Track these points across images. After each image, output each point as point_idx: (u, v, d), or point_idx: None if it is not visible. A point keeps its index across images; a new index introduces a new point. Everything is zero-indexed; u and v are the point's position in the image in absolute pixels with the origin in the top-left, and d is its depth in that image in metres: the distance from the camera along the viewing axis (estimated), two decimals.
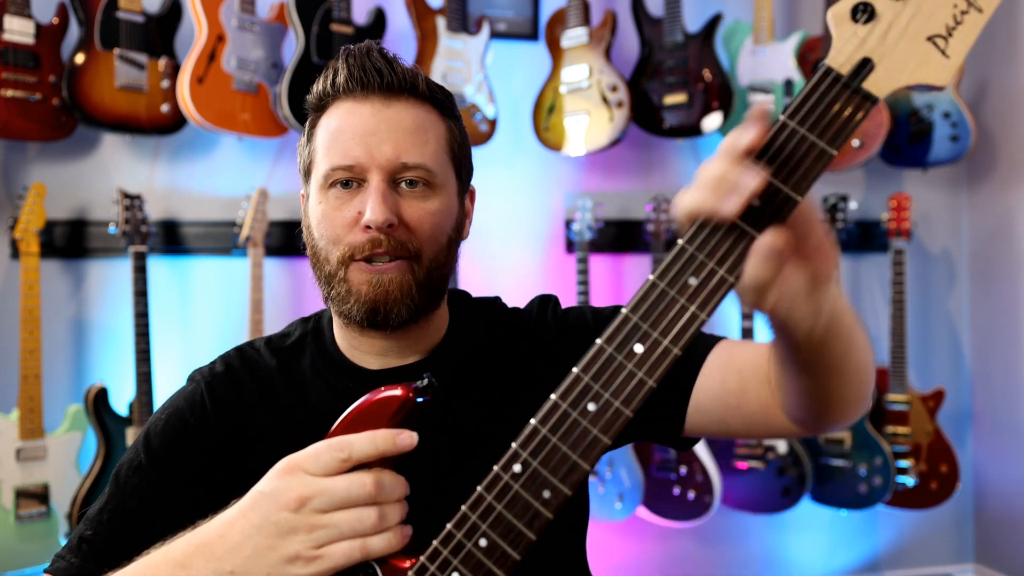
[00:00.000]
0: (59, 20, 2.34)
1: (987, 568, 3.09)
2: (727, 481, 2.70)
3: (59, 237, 2.46)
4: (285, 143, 2.62)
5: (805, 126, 0.62)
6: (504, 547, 0.67)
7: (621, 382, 0.65)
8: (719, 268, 0.63)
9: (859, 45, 0.62)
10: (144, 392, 2.29)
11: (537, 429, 0.67)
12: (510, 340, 1.02)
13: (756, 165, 0.61)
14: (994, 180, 3.03)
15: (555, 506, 0.66)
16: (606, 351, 0.65)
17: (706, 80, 2.66)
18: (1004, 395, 2.99)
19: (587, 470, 0.66)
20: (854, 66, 0.62)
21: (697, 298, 0.64)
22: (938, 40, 0.61)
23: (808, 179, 0.62)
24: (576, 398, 0.66)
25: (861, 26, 0.62)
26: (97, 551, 0.89)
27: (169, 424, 0.96)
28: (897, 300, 2.75)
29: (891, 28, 0.61)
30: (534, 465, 0.66)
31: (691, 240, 0.64)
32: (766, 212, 0.62)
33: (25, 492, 2.22)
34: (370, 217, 0.87)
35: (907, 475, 2.73)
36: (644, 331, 0.65)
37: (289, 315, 2.62)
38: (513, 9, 2.84)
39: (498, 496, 0.68)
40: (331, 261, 0.91)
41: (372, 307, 0.90)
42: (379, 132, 0.89)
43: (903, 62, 0.62)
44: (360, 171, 0.89)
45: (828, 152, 0.62)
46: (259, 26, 2.47)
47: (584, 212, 2.67)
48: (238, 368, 0.99)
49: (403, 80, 0.91)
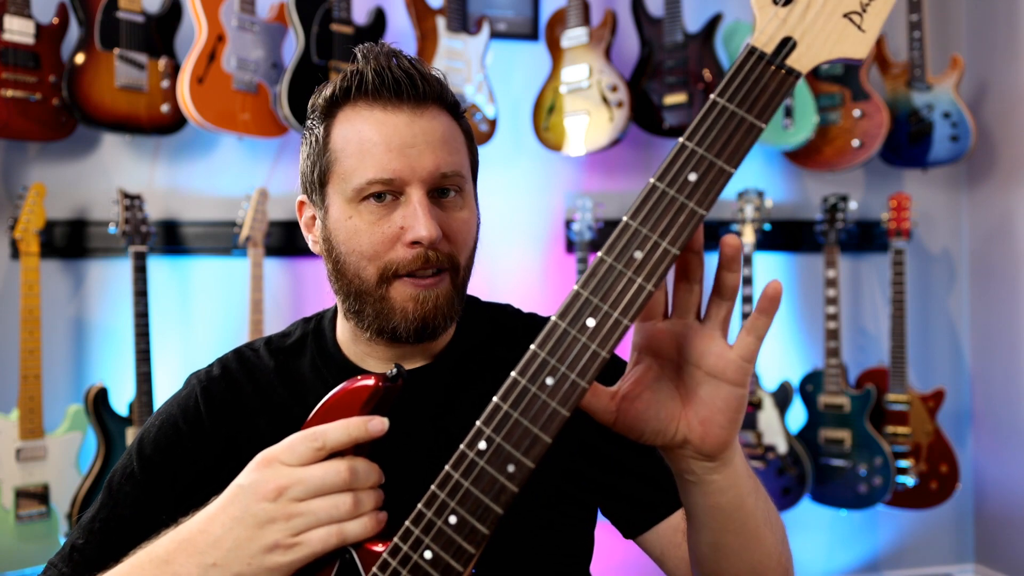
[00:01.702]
0: (59, 20, 2.34)
1: (987, 568, 3.09)
2: None
3: (59, 237, 2.46)
4: (285, 143, 2.62)
5: (734, 102, 0.66)
6: (473, 523, 0.69)
7: (576, 355, 0.67)
8: (662, 240, 0.67)
9: (780, 25, 0.67)
10: (144, 392, 2.30)
11: (499, 406, 0.69)
12: (518, 345, 1.01)
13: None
14: (994, 180, 3.03)
15: (520, 480, 0.68)
16: (560, 326, 0.68)
17: (706, 80, 2.66)
18: (1004, 395, 2.99)
19: (548, 443, 0.67)
20: (776, 44, 0.67)
21: (643, 270, 0.67)
22: (854, 16, 0.65)
23: (740, 152, 0.66)
24: (534, 373, 0.68)
25: (781, 8, 0.67)
26: (88, 559, 0.89)
27: (162, 431, 0.95)
28: (897, 300, 2.75)
29: (809, 7, 0.66)
30: (497, 441, 0.68)
31: (634, 216, 0.67)
32: (703, 185, 0.67)
33: (25, 492, 2.22)
34: (423, 235, 0.85)
35: (907, 475, 2.73)
36: (595, 305, 0.67)
37: (289, 315, 2.62)
38: (513, 9, 2.84)
39: (464, 473, 0.69)
40: (365, 278, 0.89)
41: (422, 324, 0.89)
42: (417, 144, 0.86)
43: (822, 39, 0.66)
44: (400, 185, 0.87)
45: (757, 125, 0.66)
46: (259, 26, 2.47)
47: (584, 212, 2.67)
48: (235, 371, 0.98)
49: (432, 87, 0.89)
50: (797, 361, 2.96)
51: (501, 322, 1.04)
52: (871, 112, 2.72)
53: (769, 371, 2.83)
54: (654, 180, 0.68)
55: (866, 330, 3.09)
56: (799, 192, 3.02)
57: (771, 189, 2.91)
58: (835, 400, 2.74)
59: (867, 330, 3.09)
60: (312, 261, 2.66)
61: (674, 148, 0.68)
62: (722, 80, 0.67)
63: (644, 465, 0.99)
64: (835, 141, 2.78)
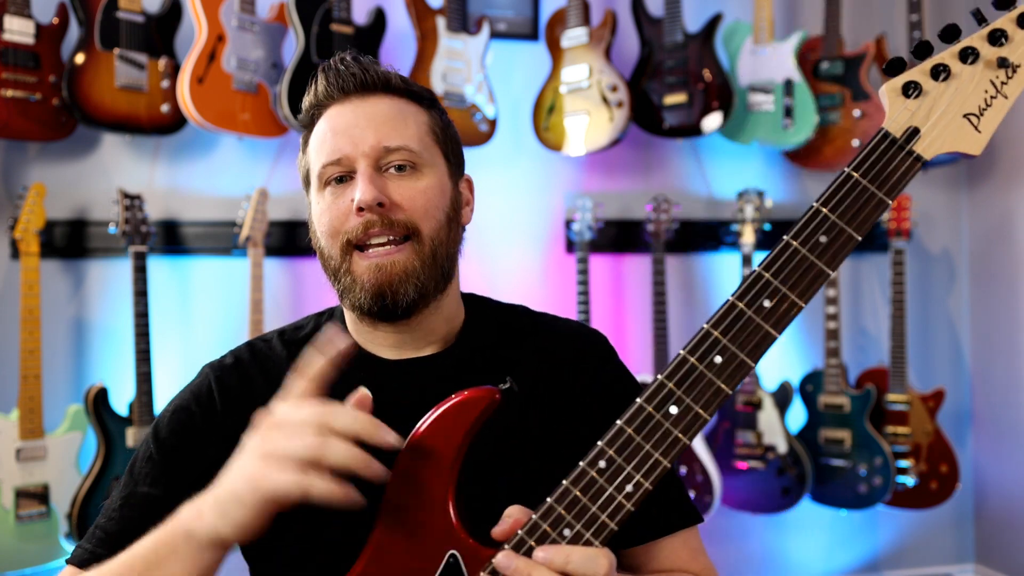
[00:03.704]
0: (59, 20, 2.34)
1: (987, 568, 3.09)
2: (727, 481, 2.70)
3: (59, 237, 2.46)
4: (285, 143, 2.62)
5: (867, 178, 0.75)
6: (588, 537, 0.75)
7: (701, 389, 0.75)
8: (791, 294, 0.75)
9: (909, 117, 0.76)
10: (144, 392, 2.29)
11: (623, 429, 0.76)
12: (527, 346, 1.03)
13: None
14: (994, 180, 3.03)
15: (637, 499, 0.74)
16: (689, 361, 0.75)
17: (706, 80, 2.66)
18: (1004, 395, 2.99)
19: (667, 467, 0.74)
20: (905, 132, 0.76)
21: (771, 319, 0.75)
22: (972, 118, 0.75)
23: (867, 223, 0.75)
24: (660, 402, 0.75)
25: (912, 100, 0.76)
26: (110, 535, 0.92)
27: (176, 416, 0.98)
28: (897, 300, 2.75)
29: (935, 105, 0.76)
30: (618, 461, 0.75)
31: (767, 267, 0.76)
32: (832, 248, 0.75)
33: (25, 492, 2.22)
34: (359, 198, 0.90)
35: (907, 475, 2.73)
36: (723, 345, 0.75)
37: (289, 315, 2.62)
38: (513, 9, 2.84)
39: (584, 489, 0.75)
40: (334, 256, 0.95)
41: (378, 291, 0.92)
42: (359, 123, 0.94)
43: (943, 132, 0.75)
44: (348, 163, 0.93)
45: (885, 201, 0.75)
46: (259, 26, 2.47)
47: (584, 212, 2.67)
48: (247, 362, 1.01)
49: (376, 77, 0.96)
50: (797, 361, 2.96)
51: (511, 323, 1.06)
52: (871, 112, 2.72)
53: (769, 371, 2.83)
54: (788, 238, 0.76)
55: (866, 330, 3.09)
56: (799, 192, 3.02)
57: (771, 189, 2.91)
58: (835, 400, 2.74)
59: (867, 330, 3.09)
60: (312, 261, 2.66)
61: (808, 211, 0.76)
62: (856, 156, 0.76)
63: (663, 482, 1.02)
64: (835, 141, 2.78)
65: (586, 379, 1.01)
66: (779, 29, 2.89)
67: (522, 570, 0.74)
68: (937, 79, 0.76)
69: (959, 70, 0.75)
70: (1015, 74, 0.75)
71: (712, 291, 2.94)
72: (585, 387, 1.01)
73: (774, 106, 2.72)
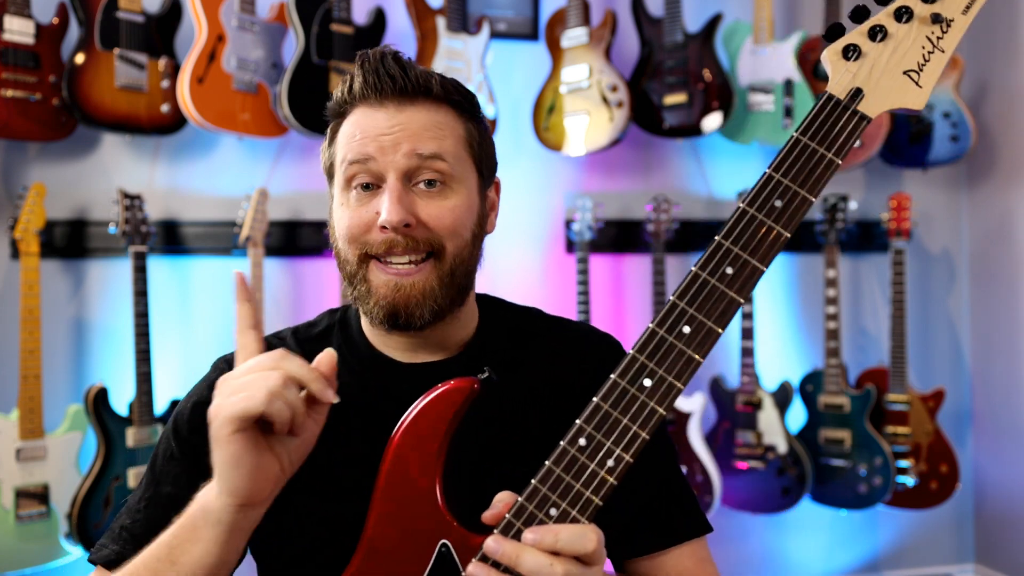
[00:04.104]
0: (59, 20, 2.34)
1: (987, 568, 3.09)
2: (727, 481, 2.70)
3: (59, 237, 2.46)
4: (285, 143, 2.62)
5: (815, 140, 0.77)
6: (574, 514, 0.75)
7: (673, 359, 0.76)
8: (752, 258, 0.76)
9: (851, 78, 0.78)
10: (144, 392, 2.29)
11: (599, 405, 0.77)
12: (538, 348, 1.03)
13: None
14: (994, 180, 3.03)
15: (619, 473, 0.75)
16: (658, 333, 0.76)
17: (706, 80, 2.66)
18: (1004, 395, 2.99)
19: (646, 439, 0.75)
20: (848, 93, 0.78)
21: (734, 285, 0.76)
22: (912, 74, 0.78)
23: (819, 183, 0.77)
24: (633, 376, 0.76)
25: (852, 63, 0.79)
26: (136, 536, 0.92)
27: (195, 411, 0.97)
28: (897, 300, 2.75)
29: (875, 65, 0.78)
30: (598, 437, 0.76)
31: (726, 236, 0.77)
32: (788, 211, 0.77)
33: (25, 492, 2.22)
34: (385, 217, 0.89)
35: (907, 475, 2.73)
36: (691, 314, 0.76)
37: (289, 315, 2.62)
38: (513, 9, 2.84)
39: (566, 468, 0.76)
40: (350, 261, 0.93)
41: (392, 310, 0.91)
42: (393, 133, 0.91)
43: (886, 91, 0.78)
44: (376, 172, 0.91)
45: (834, 161, 0.77)
46: (259, 26, 2.47)
47: (584, 212, 2.67)
48: None
49: (416, 84, 0.93)
50: (797, 361, 2.96)
51: (523, 325, 1.05)
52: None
53: (769, 371, 2.83)
54: (743, 204, 0.77)
55: (866, 330, 3.09)
56: None
57: None
58: (835, 400, 2.74)
59: (867, 330, 3.09)
60: (312, 261, 2.66)
61: (761, 177, 0.77)
62: (803, 121, 0.78)
63: (666, 485, 1.01)
64: None
65: (588, 378, 1.01)
66: (779, 29, 2.89)
67: (511, 553, 0.74)
68: (875, 40, 0.78)
69: (895, 29, 0.78)
70: (950, 28, 0.77)
71: None
72: (586, 387, 1.00)
73: (774, 106, 2.72)
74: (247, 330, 0.79)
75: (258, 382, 0.73)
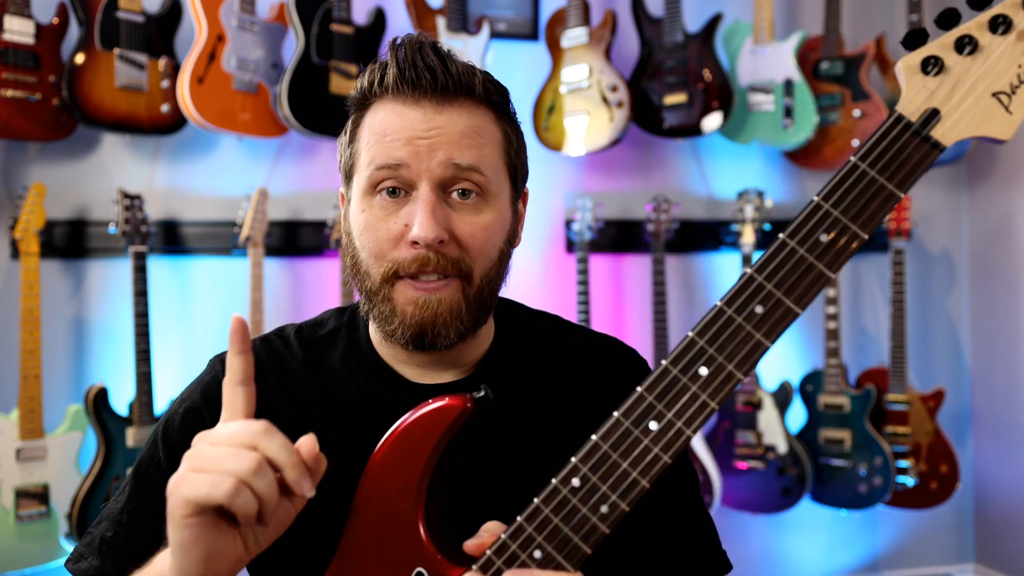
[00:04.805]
0: (59, 20, 2.34)
1: (987, 568, 3.09)
2: (727, 481, 2.70)
3: (59, 237, 2.46)
4: (285, 143, 2.62)
5: (875, 168, 0.66)
6: (559, 560, 0.68)
7: (685, 403, 0.67)
8: (786, 299, 0.67)
9: (928, 96, 0.66)
10: (144, 392, 2.30)
11: (598, 445, 0.68)
12: (558, 363, 0.97)
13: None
14: (994, 180, 3.03)
15: (612, 521, 0.67)
16: (671, 372, 0.68)
17: (706, 80, 2.66)
18: (1004, 395, 2.99)
19: (646, 487, 0.67)
20: (922, 115, 0.66)
21: (763, 327, 0.67)
22: (1002, 96, 0.65)
23: (875, 219, 0.65)
24: (639, 416, 0.68)
25: (931, 78, 0.66)
26: (117, 551, 0.89)
27: (187, 419, 0.92)
28: (897, 300, 2.75)
29: (959, 82, 0.65)
30: (593, 480, 0.68)
31: (760, 270, 0.67)
32: (835, 248, 0.66)
33: (25, 492, 2.22)
34: (419, 233, 0.81)
35: (907, 475, 2.73)
36: (710, 355, 0.67)
37: (289, 315, 2.62)
38: (513, 9, 2.84)
39: (555, 509, 0.68)
40: (373, 277, 0.86)
41: (419, 330, 0.85)
42: (430, 137, 0.82)
43: (968, 114, 0.65)
44: (407, 178, 0.83)
45: (896, 194, 0.65)
46: (259, 26, 2.47)
47: (584, 212, 2.67)
48: (263, 360, 0.95)
49: (458, 82, 0.84)
50: (797, 361, 2.96)
51: (542, 336, 1.00)
52: (871, 112, 2.72)
53: (769, 371, 2.83)
54: (784, 236, 0.67)
55: (866, 330, 3.09)
56: (799, 192, 3.02)
57: (771, 189, 2.91)
58: (835, 400, 2.74)
59: (867, 330, 3.09)
60: (312, 261, 2.66)
61: (808, 206, 0.67)
62: (864, 144, 0.66)
63: (683, 516, 0.97)
64: (835, 141, 2.78)
65: (608, 396, 0.92)
66: (779, 29, 2.89)
67: None
68: (962, 53, 0.65)
69: (988, 42, 0.65)
70: None
71: (712, 291, 2.94)
72: (605, 405, 0.96)
73: (774, 106, 2.72)
74: (236, 385, 0.71)
75: (227, 463, 0.64)
